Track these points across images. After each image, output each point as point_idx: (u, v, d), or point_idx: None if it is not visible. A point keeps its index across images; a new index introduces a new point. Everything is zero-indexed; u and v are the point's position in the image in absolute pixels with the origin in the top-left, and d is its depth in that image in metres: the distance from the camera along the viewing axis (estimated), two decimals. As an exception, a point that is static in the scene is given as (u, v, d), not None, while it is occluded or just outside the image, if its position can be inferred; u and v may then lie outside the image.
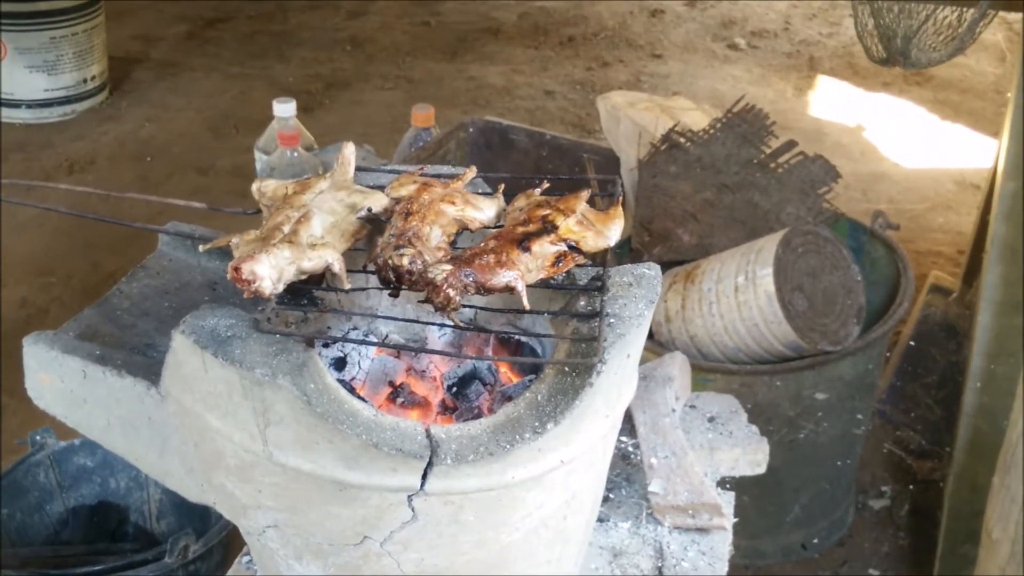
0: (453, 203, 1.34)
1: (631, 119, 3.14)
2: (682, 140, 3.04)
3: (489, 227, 1.37)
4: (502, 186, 1.46)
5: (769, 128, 3.07)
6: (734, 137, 3.03)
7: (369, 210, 1.35)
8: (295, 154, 2.88)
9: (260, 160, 2.99)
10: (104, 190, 1.64)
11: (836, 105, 5.89)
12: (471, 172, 1.47)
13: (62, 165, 4.97)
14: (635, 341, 1.31)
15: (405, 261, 1.23)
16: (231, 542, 2.54)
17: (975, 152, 5.28)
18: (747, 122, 3.05)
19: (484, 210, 1.37)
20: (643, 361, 1.89)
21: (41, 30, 5.25)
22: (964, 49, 2.50)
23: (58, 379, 1.41)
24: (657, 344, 2.88)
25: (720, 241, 3.00)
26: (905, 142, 5.46)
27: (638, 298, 1.33)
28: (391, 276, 1.24)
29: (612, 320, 1.28)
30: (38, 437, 2.71)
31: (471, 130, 3.33)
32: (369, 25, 6.67)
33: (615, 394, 1.32)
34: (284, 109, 2.92)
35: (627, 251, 3.09)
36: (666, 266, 3.00)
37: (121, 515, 2.80)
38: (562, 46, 6.52)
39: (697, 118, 3.19)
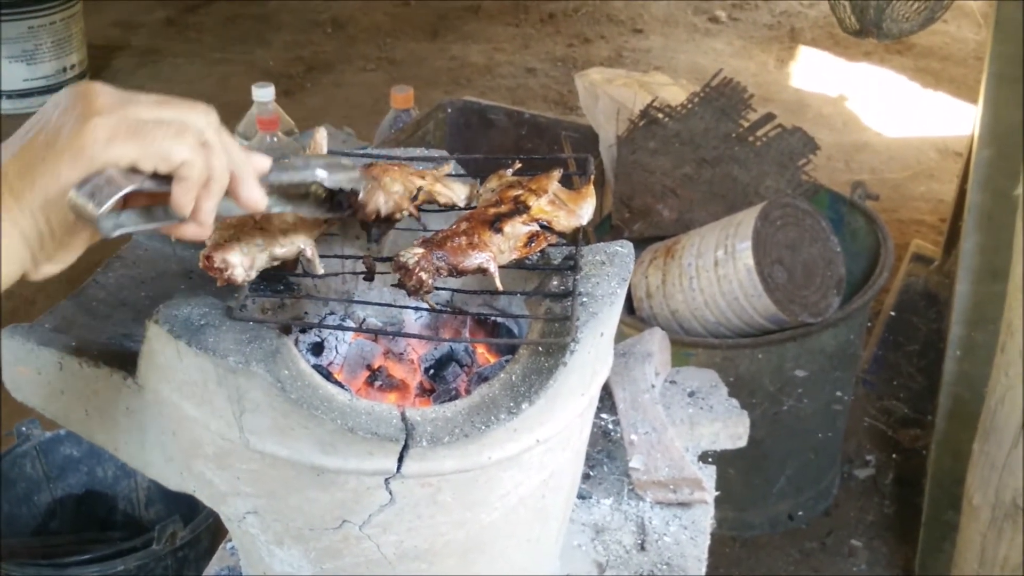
0: (423, 178, 1.35)
1: (609, 96, 3.14)
2: (660, 115, 3.04)
3: (460, 209, 1.38)
4: (478, 181, 1.46)
5: (747, 101, 3.07)
6: (712, 111, 3.04)
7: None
8: (275, 139, 2.88)
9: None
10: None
11: (818, 76, 5.89)
12: (448, 166, 1.48)
13: (43, 155, 4.95)
14: (608, 319, 1.31)
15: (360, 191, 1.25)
16: (218, 528, 2.55)
17: (956, 120, 5.30)
18: (725, 96, 3.05)
19: (455, 191, 1.38)
20: (624, 337, 1.90)
21: (18, 20, 5.22)
22: (936, 19, 2.51)
23: (35, 371, 1.41)
24: (639, 320, 2.89)
25: (700, 216, 3.00)
26: (887, 111, 5.48)
27: (611, 276, 1.34)
28: (341, 200, 1.26)
29: (585, 299, 1.29)
30: (24, 428, 2.71)
31: (450, 111, 3.33)
32: (350, 6, 6.64)
33: (590, 372, 1.32)
34: (263, 94, 2.91)
35: (607, 228, 3.10)
36: (647, 242, 3.01)
37: (109, 504, 2.80)
38: (543, 23, 6.51)
39: (675, 93, 3.19)
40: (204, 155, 0.99)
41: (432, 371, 1.45)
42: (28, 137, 0.97)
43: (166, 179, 0.99)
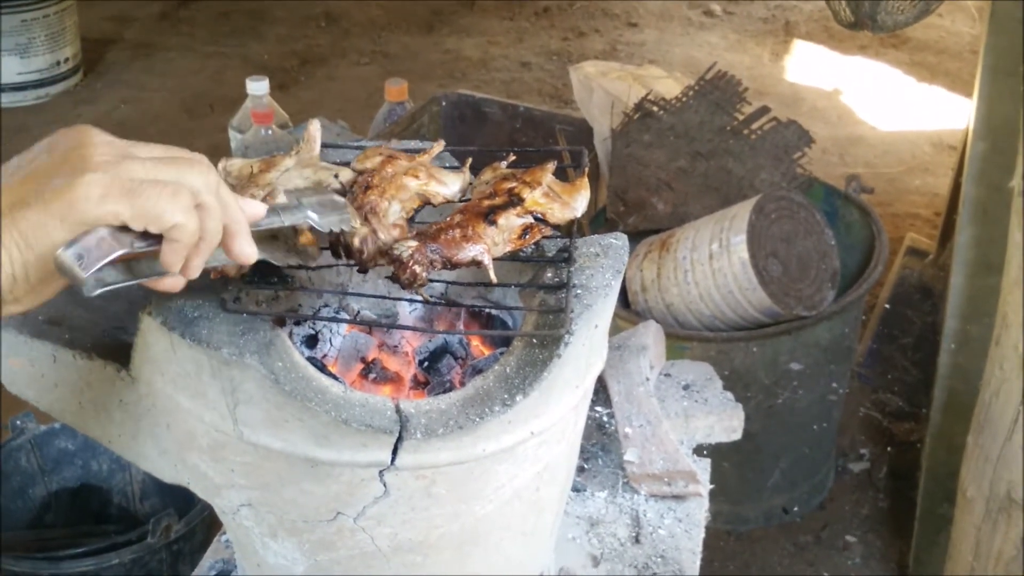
0: (416, 177, 1.34)
1: (604, 89, 3.14)
2: (655, 109, 3.04)
3: (454, 202, 1.37)
4: (469, 161, 1.46)
5: (742, 94, 3.07)
6: (707, 104, 3.04)
7: (337, 184, 1.35)
8: (269, 132, 2.88)
9: (235, 139, 2.98)
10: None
11: (813, 69, 5.89)
12: (438, 146, 1.47)
13: (37, 149, 4.94)
14: (603, 311, 1.31)
15: (356, 241, 1.23)
16: (213, 521, 2.55)
17: (951, 113, 5.30)
18: (720, 89, 3.05)
19: (449, 184, 1.37)
20: (619, 330, 1.90)
21: (12, 13, 5.20)
22: (931, 11, 2.51)
23: (28, 363, 1.40)
24: (633, 313, 2.89)
25: (694, 209, 3.00)
26: (882, 105, 5.47)
27: (605, 268, 1.33)
28: (341, 251, 1.25)
29: (579, 291, 1.28)
30: (18, 422, 2.71)
31: (444, 104, 3.33)
32: (344, 0, 6.63)
33: (584, 364, 1.32)
34: (257, 87, 2.91)
35: (602, 221, 3.10)
36: (641, 235, 3.01)
37: (104, 497, 2.80)
38: (537, 16, 6.50)
39: (670, 86, 3.19)
40: (198, 217, 0.98)
41: (426, 363, 1.44)
42: (18, 177, 0.94)
43: (156, 237, 0.97)
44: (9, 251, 0.92)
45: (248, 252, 1.06)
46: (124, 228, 0.95)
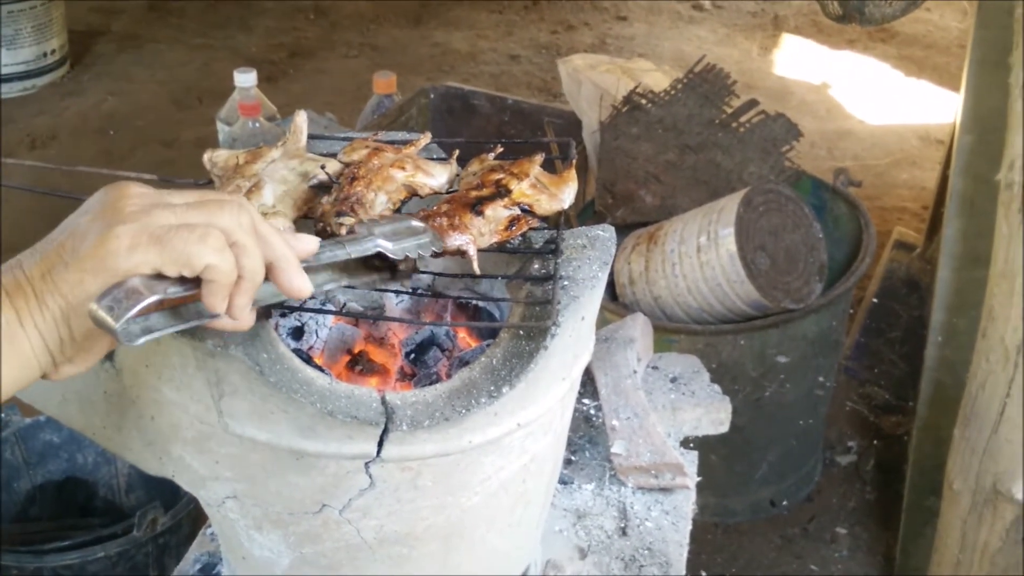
0: (403, 168, 1.33)
1: (592, 82, 3.13)
2: (643, 101, 3.03)
3: (441, 193, 1.37)
4: (456, 152, 1.46)
5: (730, 87, 3.07)
6: (695, 97, 3.03)
7: (323, 175, 1.34)
8: (257, 124, 2.87)
9: (222, 131, 2.97)
10: (64, 164, 1.63)
11: (801, 63, 5.89)
12: (425, 138, 1.46)
13: (23, 141, 4.93)
14: (589, 303, 1.31)
15: (343, 231, 1.23)
16: (199, 515, 2.54)
17: (939, 107, 5.30)
18: (708, 82, 3.05)
19: (435, 176, 1.36)
20: (607, 323, 1.90)
21: (-2, 4, 5.18)
22: (919, 4, 2.51)
23: (12, 355, 1.40)
24: (621, 306, 2.89)
25: (683, 202, 3.00)
26: (870, 99, 5.48)
27: (592, 260, 1.33)
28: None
29: (566, 283, 1.28)
30: (3, 415, 2.70)
31: (432, 96, 3.32)
32: (332, -7, 6.62)
33: (571, 356, 1.32)
34: (245, 79, 2.91)
35: (590, 214, 3.09)
36: (629, 228, 3.01)
37: (90, 490, 2.79)
38: (527, 10, 6.49)
39: (658, 79, 3.19)
40: (231, 256, 0.98)
41: (413, 355, 1.44)
42: (58, 240, 0.97)
43: (195, 281, 0.98)
44: (53, 313, 0.95)
45: (298, 285, 1.05)
46: (161, 275, 0.96)
